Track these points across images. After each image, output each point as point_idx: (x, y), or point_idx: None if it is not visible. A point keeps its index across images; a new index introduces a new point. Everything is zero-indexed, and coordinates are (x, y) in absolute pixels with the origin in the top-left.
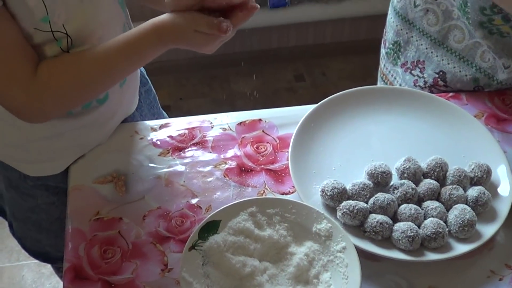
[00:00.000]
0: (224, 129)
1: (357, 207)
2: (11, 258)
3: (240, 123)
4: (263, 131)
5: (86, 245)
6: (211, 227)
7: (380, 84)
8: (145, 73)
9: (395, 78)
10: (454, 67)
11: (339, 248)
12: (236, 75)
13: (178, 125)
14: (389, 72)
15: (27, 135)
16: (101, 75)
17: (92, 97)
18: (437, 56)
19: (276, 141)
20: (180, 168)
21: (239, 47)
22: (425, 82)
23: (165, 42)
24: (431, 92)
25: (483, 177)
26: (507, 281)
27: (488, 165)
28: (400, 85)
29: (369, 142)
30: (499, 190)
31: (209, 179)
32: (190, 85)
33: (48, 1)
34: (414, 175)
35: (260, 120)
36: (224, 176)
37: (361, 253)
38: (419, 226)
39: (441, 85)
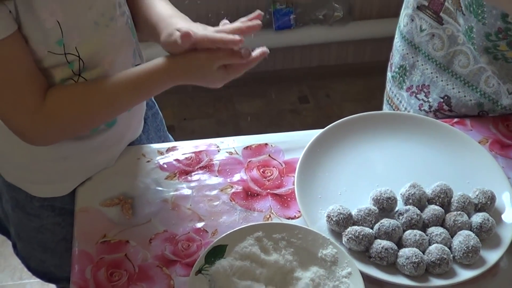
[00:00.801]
0: (231, 153)
1: (362, 233)
2: (14, 277)
3: (247, 147)
4: (269, 155)
5: (92, 268)
6: (217, 252)
7: (385, 107)
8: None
9: (400, 102)
10: (459, 92)
11: (344, 274)
12: (240, 96)
13: (184, 149)
14: (395, 95)
15: (35, 156)
16: (107, 108)
17: (96, 126)
18: (442, 80)
19: (282, 166)
20: (187, 191)
21: None
22: (430, 107)
23: (176, 81)
24: (436, 116)
25: (487, 204)
26: None
27: (493, 192)
28: (406, 109)
29: (374, 167)
30: (503, 216)
31: (215, 203)
32: (194, 106)
33: (64, 23)
34: (419, 201)
35: (266, 144)
36: (231, 200)
37: (366, 278)
38: (423, 252)
39: (446, 110)
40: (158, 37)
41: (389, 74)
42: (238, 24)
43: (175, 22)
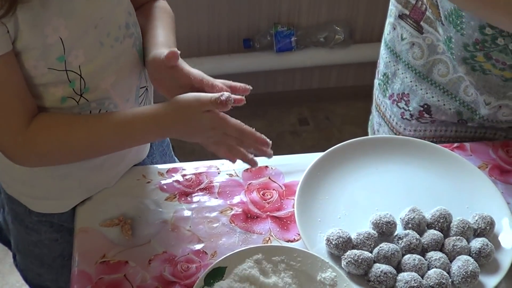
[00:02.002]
0: (231, 175)
1: (361, 257)
2: None
3: (247, 169)
4: (269, 178)
5: None
6: (217, 274)
7: (374, 113)
8: None
9: (386, 109)
10: (438, 101)
11: None
12: (240, 117)
13: (185, 170)
14: (381, 102)
15: (35, 172)
16: (88, 145)
17: (78, 160)
18: (421, 89)
19: (282, 188)
20: (187, 213)
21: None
22: (411, 115)
23: (164, 128)
24: (419, 122)
25: (487, 229)
26: None
27: (492, 217)
28: (390, 116)
29: (374, 191)
30: (502, 241)
31: (215, 225)
32: None
33: (66, 40)
34: (419, 225)
35: (266, 167)
36: (230, 222)
37: None
38: (422, 277)
39: (427, 117)
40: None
41: (376, 81)
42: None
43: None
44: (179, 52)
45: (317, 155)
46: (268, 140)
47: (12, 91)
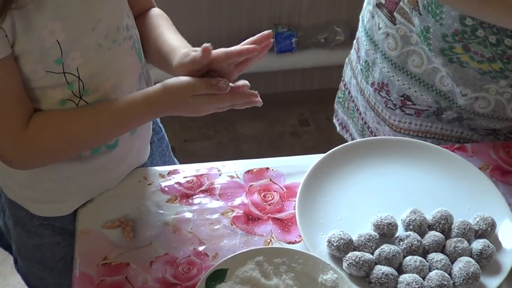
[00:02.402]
0: (232, 177)
1: (363, 258)
2: None
3: (248, 171)
4: (270, 179)
5: None
6: (218, 276)
7: (359, 97)
8: (159, 121)
9: (369, 96)
10: (416, 91)
11: None
12: (241, 118)
13: (186, 172)
14: (365, 88)
15: (36, 175)
16: (89, 137)
17: (79, 153)
18: (398, 80)
19: (283, 190)
20: (188, 215)
21: None
22: (394, 105)
23: (157, 112)
24: (403, 111)
25: (488, 230)
26: None
27: (493, 218)
28: (375, 103)
29: (375, 193)
30: (503, 243)
31: (216, 227)
32: (195, 128)
33: (63, 43)
34: (420, 227)
35: (267, 168)
36: (231, 224)
37: None
38: (424, 278)
39: (410, 104)
40: (168, 67)
41: (358, 66)
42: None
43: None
44: (211, 46)
45: (318, 157)
46: (255, 92)
47: (11, 94)
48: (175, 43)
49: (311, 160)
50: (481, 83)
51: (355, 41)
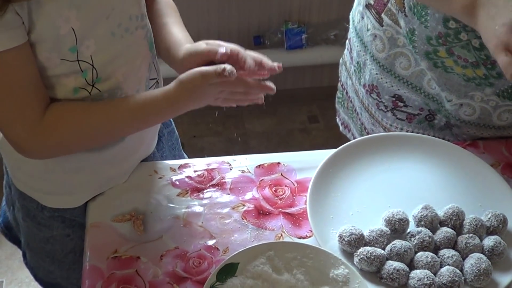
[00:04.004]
0: (243, 171)
1: (374, 254)
2: None
3: (259, 165)
4: (281, 174)
5: (103, 283)
6: (229, 270)
7: (354, 96)
8: None
9: (363, 97)
10: (405, 93)
11: None
12: (250, 114)
13: (197, 166)
14: (359, 89)
15: (47, 166)
16: (105, 131)
17: (94, 146)
18: (386, 82)
19: (294, 185)
20: (199, 209)
21: None
22: (386, 106)
23: (177, 109)
24: (394, 115)
25: (499, 227)
26: None
27: (505, 215)
28: (368, 105)
29: (387, 188)
30: None
31: (227, 221)
32: (204, 124)
33: (78, 30)
34: (431, 223)
35: (278, 163)
36: (242, 219)
37: None
38: (435, 274)
39: (402, 106)
40: (169, 58)
41: (352, 67)
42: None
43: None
44: (228, 52)
45: (330, 152)
46: (272, 85)
47: (27, 81)
48: (179, 36)
49: (322, 155)
50: (466, 89)
51: (347, 41)
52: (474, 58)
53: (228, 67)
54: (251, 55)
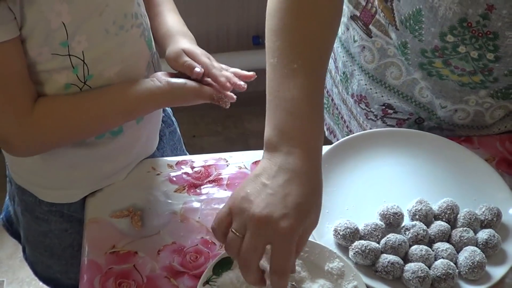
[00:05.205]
0: (240, 167)
1: (369, 247)
2: None
3: (255, 161)
4: None
5: (101, 278)
6: (225, 263)
7: (343, 106)
8: (171, 114)
9: (351, 106)
10: (395, 102)
11: (350, 287)
12: (249, 114)
13: (194, 163)
14: (346, 98)
15: (43, 161)
16: (94, 124)
17: (83, 139)
18: (376, 92)
19: None
20: (196, 204)
21: (253, 87)
22: (375, 116)
23: (160, 106)
24: (385, 123)
25: (493, 220)
26: None
27: (499, 208)
28: (356, 114)
29: (382, 183)
30: (509, 233)
31: None
32: (203, 124)
33: (69, 25)
34: (426, 217)
35: None
36: None
37: None
38: (429, 267)
39: (391, 113)
40: (162, 49)
41: (337, 76)
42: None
43: (181, 41)
44: (202, 72)
45: (325, 148)
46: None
47: (17, 77)
48: (173, 26)
49: None
50: (461, 94)
51: None
52: (472, 68)
53: (225, 98)
54: (222, 74)
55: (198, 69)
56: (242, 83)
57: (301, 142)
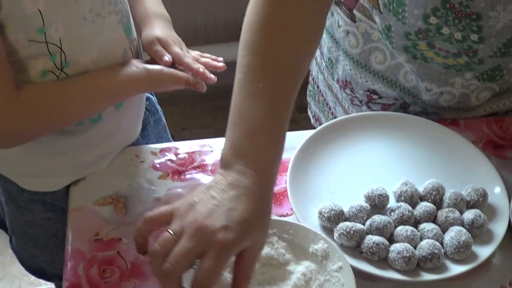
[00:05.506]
0: None
1: (353, 228)
2: (13, 286)
3: None
4: None
5: (85, 265)
6: None
7: (328, 93)
8: (156, 102)
9: (337, 92)
10: (380, 87)
11: (335, 268)
12: None
13: (178, 150)
14: (332, 84)
15: (24, 149)
16: (82, 109)
17: (69, 124)
18: (361, 78)
19: None
20: (180, 190)
21: None
22: (361, 101)
23: (142, 90)
24: (370, 108)
25: (480, 201)
26: None
27: (485, 189)
28: (342, 100)
29: (367, 167)
30: (495, 213)
31: None
32: (193, 116)
33: (45, 12)
34: (411, 198)
35: None
36: None
37: (358, 273)
38: (415, 248)
39: (376, 98)
40: (139, 30)
41: (322, 62)
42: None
43: (157, 27)
44: (170, 61)
45: (310, 132)
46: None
47: (1, 63)
48: (150, 8)
49: (303, 136)
50: (446, 77)
51: None
52: (456, 49)
53: (201, 83)
54: (194, 62)
55: (166, 58)
56: (212, 76)
57: (255, 164)
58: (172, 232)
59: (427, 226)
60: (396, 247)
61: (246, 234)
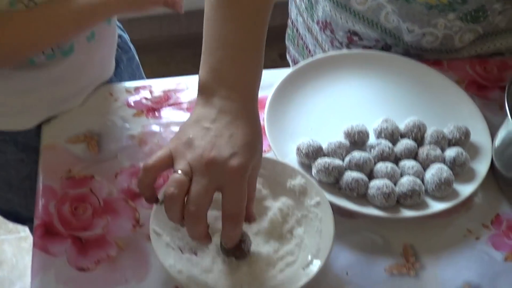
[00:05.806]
0: None
1: (332, 164)
2: None
3: None
4: None
5: (56, 203)
6: None
7: (307, 36)
8: (128, 40)
9: (317, 34)
10: (360, 29)
11: (313, 203)
12: None
13: (153, 88)
14: (312, 26)
15: None
16: (52, 31)
17: (40, 49)
18: (341, 18)
19: None
20: (155, 128)
21: None
22: (341, 43)
23: (117, 11)
24: (350, 50)
25: (462, 139)
26: (483, 241)
27: (467, 127)
28: (322, 42)
29: (347, 104)
30: (478, 152)
31: None
32: (173, 63)
33: None
34: (392, 135)
35: None
36: None
37: (337, 210)
38: (395, 184)
39: (357, 40)
40: None
41: (302, 4)
42: None
43: None
44: None
45: (288, 70)
46: None
47: None
48: None
49: (281, 74)
50: (429, 18)
51: None
52: None
53: None
54: None
55: None
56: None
57: (239, 85)
58: (180, 172)
59: (407, 163)
60: (376, 183)
61: (253, 155)
